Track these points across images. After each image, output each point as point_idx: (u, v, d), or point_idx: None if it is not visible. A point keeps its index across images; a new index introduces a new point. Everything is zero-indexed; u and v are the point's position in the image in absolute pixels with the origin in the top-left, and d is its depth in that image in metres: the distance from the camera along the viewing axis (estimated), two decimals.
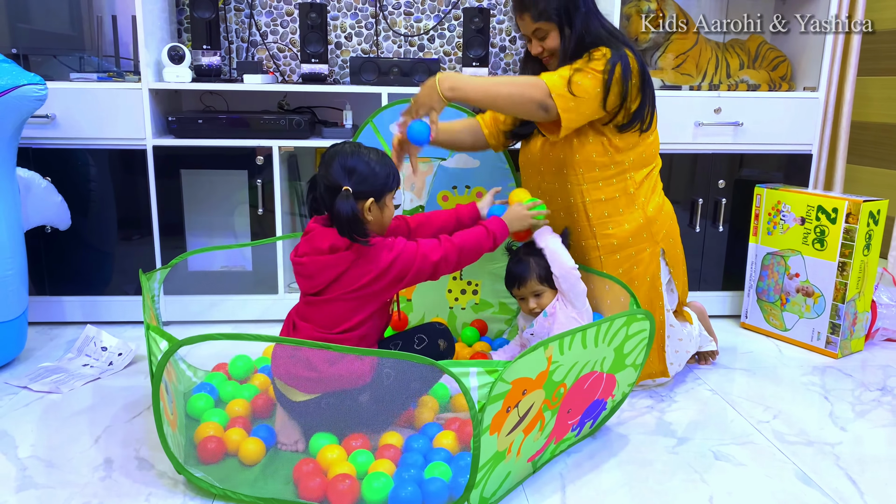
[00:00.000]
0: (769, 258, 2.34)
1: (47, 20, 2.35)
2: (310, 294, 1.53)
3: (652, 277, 1.85)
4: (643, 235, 1.84)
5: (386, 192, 1.52)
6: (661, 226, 1.87)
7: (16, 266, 1.95)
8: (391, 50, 2.71)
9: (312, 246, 1.50)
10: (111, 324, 2.33)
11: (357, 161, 1.46)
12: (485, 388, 1.20)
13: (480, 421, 1.20)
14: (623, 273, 1.83)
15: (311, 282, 1.51)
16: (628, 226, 1.83)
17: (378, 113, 2.08)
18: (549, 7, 1.72)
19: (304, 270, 1.51)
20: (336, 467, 1.39)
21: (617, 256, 1.84)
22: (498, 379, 1.20)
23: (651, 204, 1.85)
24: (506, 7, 2.70)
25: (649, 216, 1.84)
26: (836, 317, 2.16)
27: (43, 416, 1.73)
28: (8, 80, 1.82)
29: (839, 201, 2.13)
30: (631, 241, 1.83)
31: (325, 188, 1.48)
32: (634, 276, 1.84)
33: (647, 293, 1.85)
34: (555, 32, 1.76)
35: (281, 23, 2.65)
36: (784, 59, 2.55)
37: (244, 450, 1.49)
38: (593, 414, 1.58)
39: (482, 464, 1.24)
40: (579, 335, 1.35)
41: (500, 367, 1.20)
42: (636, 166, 1.82)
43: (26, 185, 2.06)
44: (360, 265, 1.47)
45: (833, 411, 1.83)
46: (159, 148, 2.26)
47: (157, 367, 1.36)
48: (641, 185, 1.83)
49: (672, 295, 1.94)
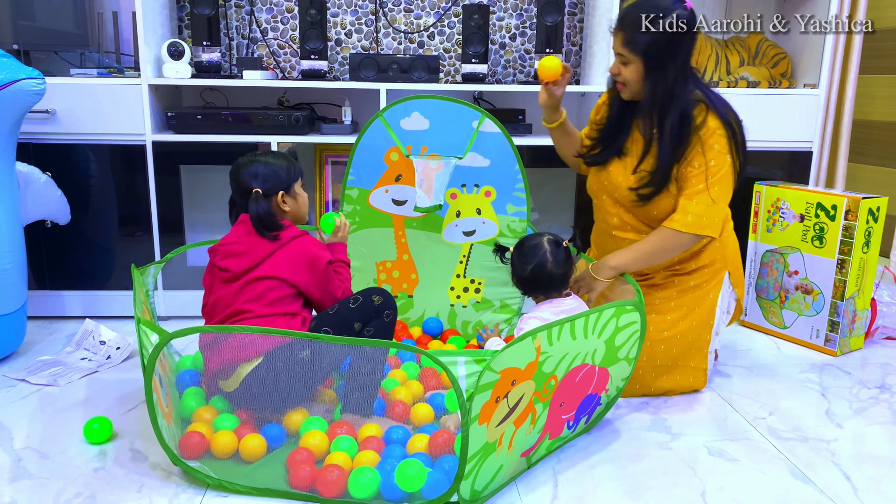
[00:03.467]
0: (768, 255, 2.32)
1: (49, 17, 2.37)
2: (235, 278, 1.61)
3: (714, 294, 1.86)
4: (717, 257, 1.85)
5: (292, 182, 1.69)
6: (731, 248, 1.88)
7: (14, 260, 1.97)
8: (391, 47, 2.71)
9: (249, 228, 1.63)
10: (111, 318, 2.34)
11: (256, 166, 1.65)
12: (473, 377, 1.20)
13: (469, 410, 1.20)
14: (693, 286, 1.84)
15: (246, 258, 1.61)
16: (706, 250, 1.84)
17: (389, 108, 2.08)
18: (641, 39, 1.65)
19: (238, 249, 1.62)
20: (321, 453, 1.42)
21: (692, 274, 1.85)
22: (486, 368, 1.20)
23: (726, 228, 1.87)
24: (505, 4, 2.70)
25: (724, 239, 1.86)
26: (836, 314, 2.15)
27: (39, 409, 1.74)
28: (6, 75, 1.83)
29: (838, 198, 2.12)
30: (708, 262, 1.85)
31: (239, 197, 1.67)
32: (702, 291, 1.85)
33: (708, 310, 1.85)
34: (637, 65, 1.69)
35: (281, 19, 2.66)
36: (785, 56, 2.54)
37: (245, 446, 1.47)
38: (588, 409, 1.58)
39: (471, 454, 1.24)
40: (567, 326, 1.35)
41: (487, 357, 1.20)
42: None
43: (26, 180, 2.07)
44: (291, 247, 1.62)
45: (830, 408, 1.82)
46: (158, 143, 2.27)
47: (148, 360, 1.36)
48: None
49: (727, 315, 1.94)
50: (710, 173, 1.70)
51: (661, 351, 1.81)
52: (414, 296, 2.24)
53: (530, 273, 1.68)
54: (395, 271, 2.23)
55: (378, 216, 2.19)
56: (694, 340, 1.83)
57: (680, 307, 1.83)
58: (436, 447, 1.43)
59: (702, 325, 1.84)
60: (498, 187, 2.14)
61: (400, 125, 2.09)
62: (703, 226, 1.70)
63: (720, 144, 1.70)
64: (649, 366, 1.81)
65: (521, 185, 2.13)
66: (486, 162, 2.12)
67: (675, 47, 1.65)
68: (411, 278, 2.24)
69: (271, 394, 1.48)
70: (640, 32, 1.64)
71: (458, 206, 2.17)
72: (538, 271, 1.67)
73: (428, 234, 2.20)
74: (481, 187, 2.16)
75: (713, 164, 1.69)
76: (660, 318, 1.82)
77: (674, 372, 1.84)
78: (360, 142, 2.12)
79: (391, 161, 2.14)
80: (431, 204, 2.10)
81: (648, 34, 1.64)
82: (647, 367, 1.81)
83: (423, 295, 2.24)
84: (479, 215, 2.17)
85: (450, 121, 2.08)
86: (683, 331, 1.82)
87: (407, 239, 2.21)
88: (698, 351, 1.85)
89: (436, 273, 2.23)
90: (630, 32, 1.65)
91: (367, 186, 2.17)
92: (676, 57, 1.65)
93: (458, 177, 2.14)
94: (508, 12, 2.71)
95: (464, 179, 2.15)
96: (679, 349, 1.82)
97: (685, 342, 1.82)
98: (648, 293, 1.84)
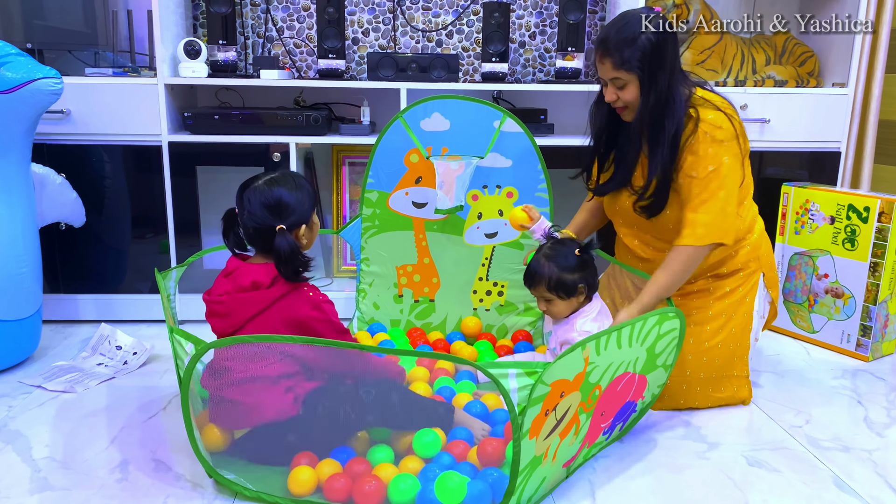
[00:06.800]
0: (796, 258, 2.28)
1: (62, 15, 2.32)
2: (224, 334, 1.46)
3: (751, 299, 1.80)
4: (751, 261, 1.80)
5: (312, 212, 1.51)
6: (764, 250, 1.82)
7: (30, 264, 1.92)
8: (409, 45, 2.67)
9: (235, 284, 1.46)
10: (126, 322, 2.30)
11: (280, 195, 1.44)
12: (525, 391, 1.15)
13: (521, 425, 1.15)
14: (730, 292, 1.78)
15: (228, 320, 1.44)
16: (738, 255, 1.78)
17: (408, 109, 2.04)
18: (633, 56, 1.58)
19: (220, 309, 1.45)
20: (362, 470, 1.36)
21: (726, 279, 1.79)
22: (538, 381, 1.15)
23: (756, 229, 1.82)
24: (525, 2, 2.65)
25: (755, 242, 1.80)
26: (868, 319, 2.10)
27: (57, 416, 1.70)
28: (24, 74, 1.79)
29: (871, 200, 2.07)
30: (741, 266, 1.79)
31: (254, 230, 1.46)
32: (738, 295, 1.79)
33: (745, 315, 1.80)
34: (634, 85, 1.62)
35: (297, 18, 2.62)
36: (812, 55, 2.49)
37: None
38: (624, 416, 1.54)
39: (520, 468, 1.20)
40: (615, 335, 1.31)
41: (539, 369, 1.16)
42: (739, 202, 1.73)
43: (41, 182, 2.03)
44: (278, 308, 1.43)
45: (868, 416, 1.77)
46: (175, 144, 2.22)
47: (185, 371, 1.31)
48: (746, 217, 1.78)
49: (762, 320, 1.87)
50: (711, 179, 1.61)
51: (703, 363, 1.76)
52: (436, 300, 2.20)
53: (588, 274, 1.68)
54: (416, 275, 2.19)
55: (398, 219, 2.14)
56: (735, 348, 1.78)
57: (718, 316, 1.77)
58: (484, 456, 1.40)
59: (741, 332, 1.79)
60: (520, 188, 2.10)
61: (420, 126, 2.05)
62: (714, 235, 1.62)
63: (715, 147, 1.61)
64: (694, 380, 1.76)
65: (543, 186, 2.08)
66: (508, 162, 2.08)
67: (661, 52, 1.60)
68: (433, 282, 2.19)
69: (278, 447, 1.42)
70: (627, 49, 1.58)
71: (480, 208, 2.13)
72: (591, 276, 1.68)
73: (449, 237, 2.16)
74: (503, 188, 2.11)
75: (712, 170, 1.61)
76: (699, 329, 1.76)
77: (719, 384, 1.78)
78: (380, 144, 2.07)
79: (411, 163, 2.09)
80: (452, 205, 2.06)
81: (636, 48, 1.58)
82: (692, 382, 1.76)
83: (445, 299, 2.19)
84: (501, 217, 2.13)
85: (471, 121, 2.04)
86: (724, 339, 1.77)
87: (428, 242, 2.17)
88: (739, 359, 1.80)
89: (458, 276, 2.18)
90: (619, 54, 1.60)
91: (386, 189, 2.12)
92: (664, 62, 1.60)
93: (480, 178, 2.09)
94: (528, 10, 2.66)
95: (485, 180, 2.10)
96: (722, 359, 1.77)
97: (727, 351, 1.77)
98: (684, 303, 1.78)
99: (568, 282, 1.64)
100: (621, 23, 1.61)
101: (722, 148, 1.61)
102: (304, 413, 1.38)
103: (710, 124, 1.61)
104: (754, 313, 1.81)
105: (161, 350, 2.09)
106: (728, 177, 1.63)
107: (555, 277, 1.64)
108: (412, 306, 2.20)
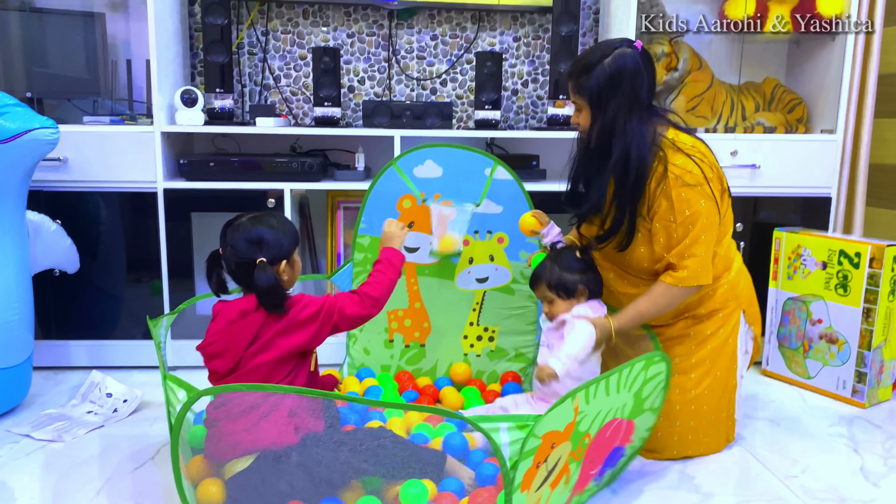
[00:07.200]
0: (790, 303, 2.27)
1: (63, 64, 2.37)
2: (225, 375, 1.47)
3: (733, 339, 1.79)
4: (730, 300, 1.79)
5: (293, 250, 1.54)
6: (743, 287, 1.82)
7: (22, 311, 1.93)
8: (404, 93, 2.71)
9: (223, 321, 1.47)
10: (118, 368, 2.29)
11: (261, 231, 1.48)
12: (516, 445, 1.14)
13: (512, 479, 1.14)
14: (710, 335, 1.77)
15: (227, 356, 1.46)
16: (716, 294, 1.77)
17: (403, 156, 2.07)
18: (587, 83, 1.65)
19: (216, 349, 1.47)
20: None
21: (705, 321, 1.78)
22: (530, 434, 1.15)
23: (734, 268, 1.81)
24: (517, 51, 2.70)
25: (732, 280, 1.79)
26: (863, 364, 2.09)
27: (44, 466, 1.68)
28: (21, 124, 1.82)
29: (862, 245, 2.08)
30: (719, 306, 1.78)
31: (236, 265, 1.49)
32: (720, 338, 1.78)
33: (729, 356, 1.79)
34: (587, 111, 1.68)
35: (294, 66, 2.67)
36: (800, 102, 2.53)
37: None
38: (612, 461, 1.53)
39: None
40: (602, 383, 1.30)
41: (529, 422, 1.15)
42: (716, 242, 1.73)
43: (36, 229, 2.05)
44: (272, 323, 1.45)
45: (864, 465, 1.75)
46: (170, 191, 2.25)
47: (176, 419, 1.30)
48: (724, 256, 1.78)
49: (746, 356, 1.86)
50: (689, 223, 1.63)
51: (692, 412, 1.74)
52: (426, 345, 2.19)
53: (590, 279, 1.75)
54: (406, 320, 2.18)
55: None
56: (722, 391, 1.77)
57: (702, 362, 1.76)
58: None
59: (726, 374, 1.78)
60: (511, 233, 2.11)
61: (413, 173, 2.08)
62: (698, 278, 1.65)
63: (687, 191, 1.63)
64: (685, 429, 1.74)
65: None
66: (499, 209, 2.11)
67: (616, 83, 1.63)
68: (423, 326, 2.19)
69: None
70: (583, 76, 1.66)
71: (471, 253, 2.14)
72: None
73: (440, 282, 2.16)
74: (494, 233, 2.13)
75: (689, 214, 1.63)
76: (684, 378, 1.75)
77: (710, 428, 1.77)
78: (373, 189, 2.10)
79: (404, 208, 2.11)
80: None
81: (591, 77, 1.64)
82: (682, 432, 1.74)
83: (436, 344, 2.19)
84: (492, 262, 2.14)
85: (463, 168, 2.07)
86: (710, 384, 1.76)
87: (419, 286, 2.17)
88: (728, 399, 1.79)
89: (449, 321, 2.18)
90: (576, 78, 1.68)
91: (378, 234, 2.13)
92: (617, 94, 1.63)
93: (472, 223, 2.11)
94: (521, 59, 2.71)
95: (476, 226, 2.12)
96: (710, 404, 1.76)
97: (714, 396, 1.76)
98: (666, 349, 1.77)
99: (568, 282, 1.73)
100: (590, 51, 1.70)
101: (694, 192, 1.63)
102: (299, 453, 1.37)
103: (679, 168, 1.64)
104: (738, 352, 1.80)
105: (152, 397, 2.07)
106: (707, 219, 1.65)
107: (556, 277, 1.73)
108: (403, 351, 2.19)
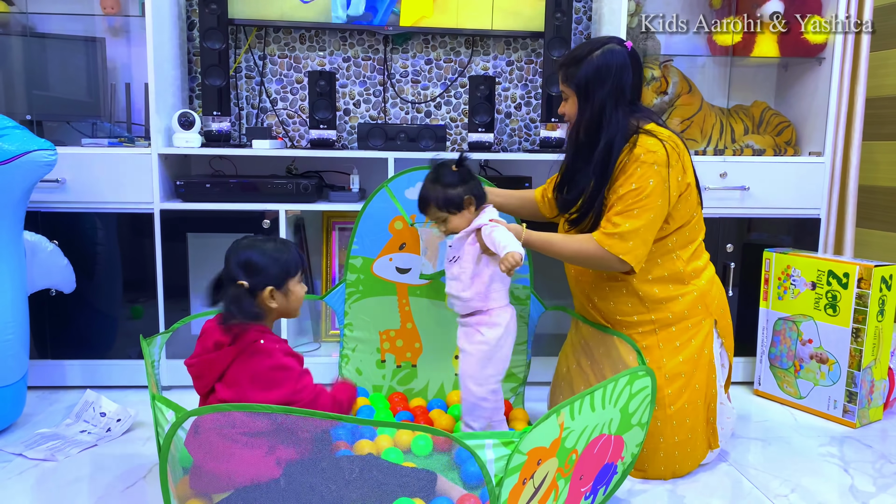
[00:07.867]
0: (781, 323, 2.29)
1: (63, 88, 2.41)
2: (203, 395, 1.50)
3: (708, 350, 1.79)
4: (698, 307, 1.78)
5: (288, 277, 1.52)
6: (714, 297, 1.81)
7: (17, 331, 1.94)
8: (398, 116, 2.75)
9: (202, 346, 1.49)
10: (112, 388, 2.30)
11: (251, 253, 1.48)
12: (501, 461, 1.15)
13: (498, 497, 1.15)
14: (681, 346, 1.77)
15: (201, 381, 1.48)
16: (683, 300, 1.77)
17: (394, 178, 2.10)
18: (575, 74, 1.73)
19: (193, 371, 1.49)
20: None
21: (672, 329, 1.77)
22: (514, 450, 1.16)
23: (704, 276, 1.81)
24: (510, 75, 2.74)
25: (702, 289, 1.79)
26: (853, 384, 2.10)
27: (37, 486, 1.68)
28: (19, 146, 1.85)
29: (850, 266, 2.10)
30: (687, 313, 1.77)
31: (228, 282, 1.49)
32: (692, 349, 1.77)
33: (706, 367, 1.79)
34: (573, 100, 1.76)
35: (290, 90, 2.71)
36: (788, 125, 2.56)
37: None
38: (605, 479, 1.53)
39: None
40: (588, 398, 1.32)
41: (515, 438, 1.16)
42: (680, 245, 1.77)
43: (32, 249, 2.07)
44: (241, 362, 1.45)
45: (853, 485, 1.75)
46: (167, 212, 2.27)
47: (164, 439, 1.31)
48: (690, 261, 1.79)
49: (723, 370, 1.85)
50: (631, 196, 1.66)
51: (674, 427, 1.75)
52: (418, 365, 2.20)
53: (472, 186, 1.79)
54: (398, 340, 2.20)
55: (382, 284, 2.17)
56: (702, 401, 1.78)
57: (676, 377, 1.75)
58: None
59: (705, 385, 1.78)
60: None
61: (405, 195, 2.11)
62: (623, 251, 1.66)
63: (644, 168, 1.65)
64: (669, 444, 1.75)
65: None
66: None
67: (604, 75, 1.70)
68: (415, 347, 2.20)
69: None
70: (573, 67, 1.73)
71: None
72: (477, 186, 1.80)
73: (432, 302, 2.18)
74: None
75: (634, 188, 1.66)
76: (659, 395, 1.73)
77: (696, 440, 1.77)
78: (365, 211, 2.13)
79: (395, 230, 2.14)
80: (436, 271, 2.12)
81: (580, 67, 1.71)
82: (668, 448, 1.75)
83: (428, 364, 2.20)
84: None
85: None
86: (690, 397, 1.75)
87: (411, 307, 2.19)
88: (710, 409, 1.80)
89: (440, 341, 2.19)
90: (566, 68, 1.75)
91: (371, 255, 2.16)
92: (604, 85, 1.70)
93: None
94: (514, 83, 2.75)
95: None
96: (693, 417, 1.76)
97: (695, 408, 1.76)
98: None
99: (454, 196, 1.76)
100: (582, 45, 1.77)
101: (650, 170, 1.66)
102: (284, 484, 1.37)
103: (644, 148, 1.67)
104: (716, 364, 1.80)
105: (145, 417, 2.08)
106: (651, 199, 1.66)
107: (441, 197, 1.76)
108: (394, 371, 2.21)
